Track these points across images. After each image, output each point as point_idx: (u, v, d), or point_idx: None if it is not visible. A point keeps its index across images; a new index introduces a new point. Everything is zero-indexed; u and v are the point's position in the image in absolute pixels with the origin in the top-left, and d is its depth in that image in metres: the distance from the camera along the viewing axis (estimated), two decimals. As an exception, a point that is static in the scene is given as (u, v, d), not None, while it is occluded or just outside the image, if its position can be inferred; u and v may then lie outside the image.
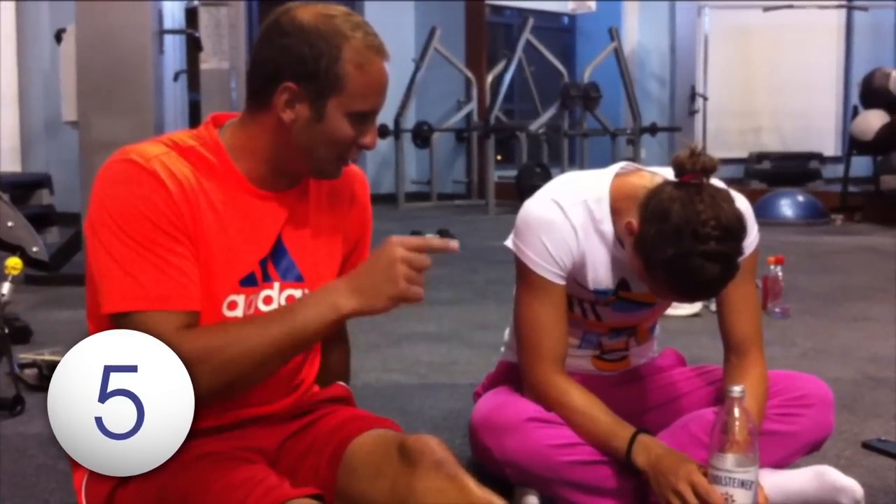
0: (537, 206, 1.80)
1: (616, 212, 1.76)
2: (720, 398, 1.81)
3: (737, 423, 1.54)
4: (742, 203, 1.73)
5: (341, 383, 1.66)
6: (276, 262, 1.47)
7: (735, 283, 1.78)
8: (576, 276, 1.81)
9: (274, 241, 1.46)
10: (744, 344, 1.84)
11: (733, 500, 1.55)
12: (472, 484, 1.29)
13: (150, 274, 1.33)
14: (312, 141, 1.41)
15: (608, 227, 1.77)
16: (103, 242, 1.34)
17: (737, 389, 1.55)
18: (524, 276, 1.81)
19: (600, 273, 1.81)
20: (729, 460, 1.55)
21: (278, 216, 1.47)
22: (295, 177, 1.48)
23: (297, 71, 1.37)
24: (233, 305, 1.42)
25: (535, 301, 1.80)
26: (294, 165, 1.45)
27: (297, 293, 1.49)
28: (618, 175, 1.79)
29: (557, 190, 1.82)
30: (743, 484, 1.54)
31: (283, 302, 1.47)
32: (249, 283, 1.43)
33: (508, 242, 1.83)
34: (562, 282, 1.80)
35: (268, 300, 1.46)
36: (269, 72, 1.39)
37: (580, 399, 1.78)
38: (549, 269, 1.78)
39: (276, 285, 1.47)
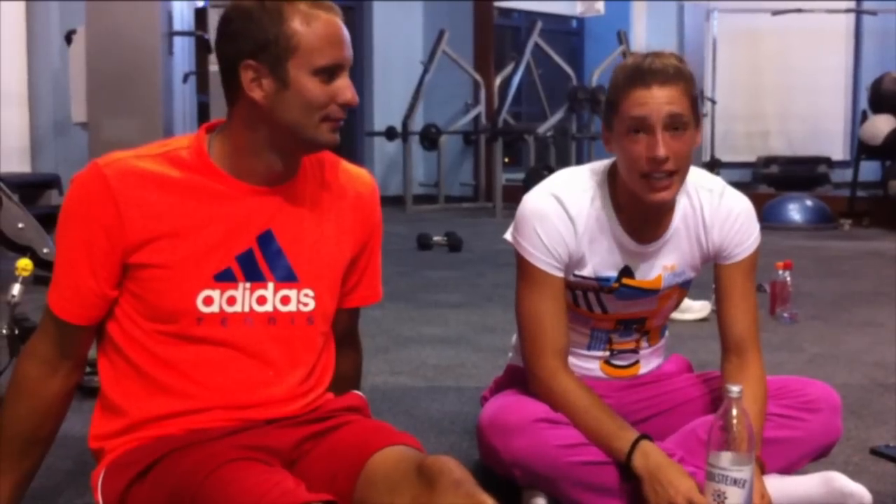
0: (534, 199, 1.84)
1: (613, 184, 1.83)
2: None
3: (734, 421, 1.55)
4: (743, 202, 1.86)
5: (358, 392, 1.67)
6: (268, 260, 1.48)
7: (735, 278, 1.86)
8: (575, 267, 1.84)
9: (256, 236, 1.48)
10: (743, 342, 1.86)
11: (725, 497, 1.56)
12: (490, 502, 1.29)
13: (61, 279, 1.46)
14: (289, 111, 1.42)
15: (610, 212, 1.82)
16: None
17: (735, 389, 1.56)
18: (523, 268, 1.84)
19: (603, 259, 1.84)
20: (724, 458, 1.56)
21: (265, 211, 1.48)
22: (291, 165, 1.50)
23: (250, 48, 1.40)
24: (208, 301, 1.45)
25: (534, 293, 1.83)
26: (288, 146, 1.46)
27: (292, 293, 1.50)
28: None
29: (556, 182, 1.86)
30: (736, 482, 1.55)
31: (277, 302, 1.49)
32: (225, 278, 1.46)
33: (507, 235, 1.88)
34: (559, 273, 1.82)
35: (262, 300, 1.48)
36: (229, 61, 1.43)
37: (583, 397, 1.79)
38: (545, 261, 1.81)
39: (271, 285, 1.49)
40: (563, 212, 1.80)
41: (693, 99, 1.72)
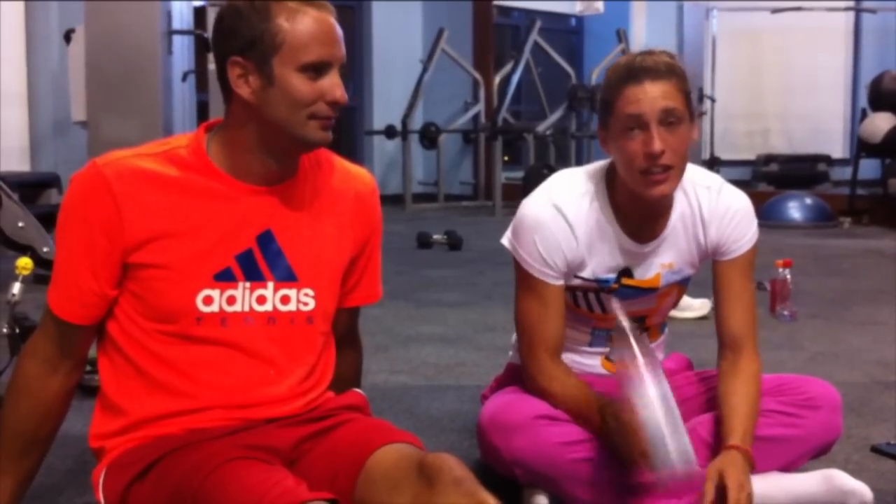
0: (532, 208, 1.84)
1: (611, 185, 1.83)
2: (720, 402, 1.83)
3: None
4: (741, 199, 1.87)
5: (358, 391, 1.67)
6: (268, 260, 1.48)
7: (732, 276, 1.87)
8: (574, 271, 1.84)
9: (255, 236, 1.47)
10: (738, 340, 1.86)
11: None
12: (491, 500, 1.29)
13: (61, 279, 1.46)
14: (275, 108, 1.42)
15: (608, 213, 1.82)
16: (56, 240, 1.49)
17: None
18: (520, 274, 1.86)
19: (602, 261, 1.84)
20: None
21: (264, 211, 1.48)
22: (288, 165, 1.49)
23: (238, 44, 1.41)
24: (208, 300, 1.45)
25: (531, 298, 1.85)
26: (279, 144, 1.46)
27: (292, 293, 1.50)
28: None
29: (554, 188, 1.85)
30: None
31: (277, 302, 1.49)
32: (225, 278, 1.46)
33: (505, 241, 1.88)
34: (556, 281, 1.83)
35: (261, 300, 1.48)
36: (220, 59, 1.43)
37: (573, 388, 1.81)
38: (542, 271, 1.82)
39: (271, 285, 1.49)
40: (562, 220, 1.80)
41: (686, 94, 1.73)
